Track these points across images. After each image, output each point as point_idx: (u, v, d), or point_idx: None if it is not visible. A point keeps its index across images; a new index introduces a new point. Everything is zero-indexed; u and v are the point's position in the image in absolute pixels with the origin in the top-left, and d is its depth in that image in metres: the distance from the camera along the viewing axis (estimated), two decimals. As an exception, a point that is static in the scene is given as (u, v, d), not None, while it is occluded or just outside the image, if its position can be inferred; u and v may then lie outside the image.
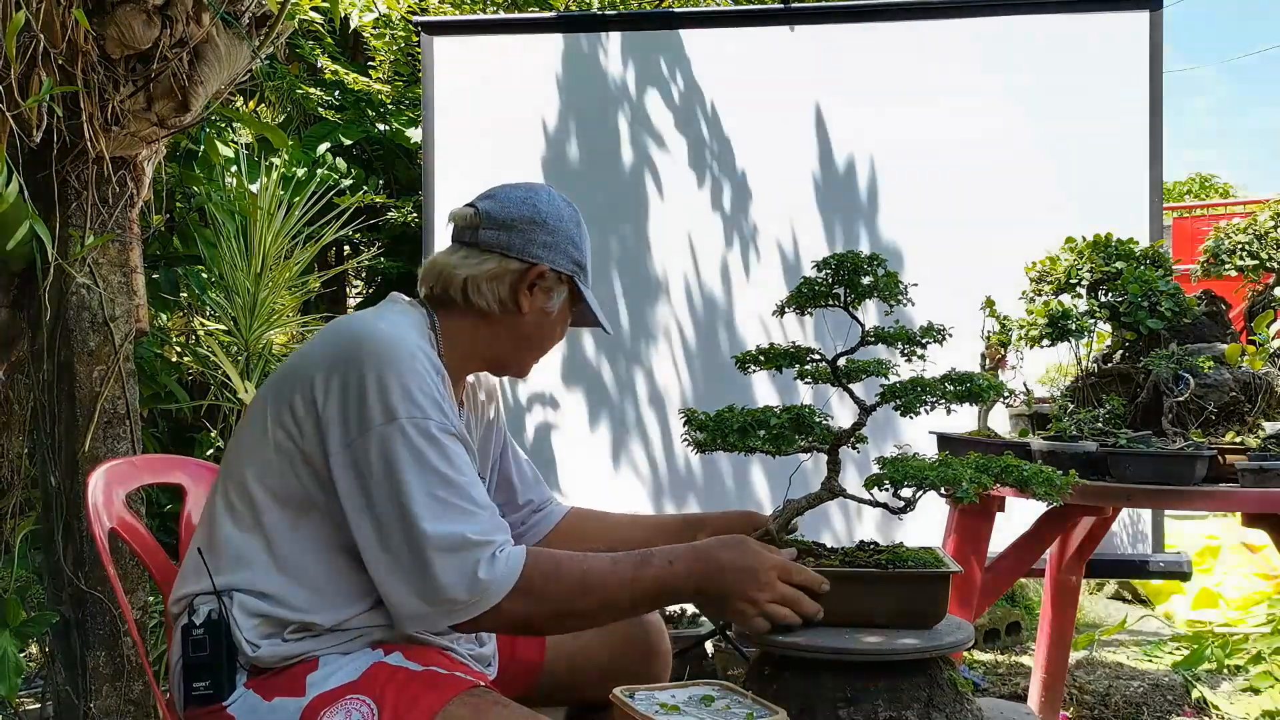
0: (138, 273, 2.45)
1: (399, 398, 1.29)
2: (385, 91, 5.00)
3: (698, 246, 3.18)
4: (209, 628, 1.34)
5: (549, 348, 1.55)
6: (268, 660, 1.34)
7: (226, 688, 1.34)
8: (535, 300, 1.47)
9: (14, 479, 2.55)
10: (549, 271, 1.48)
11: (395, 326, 1.37)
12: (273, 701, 1.31)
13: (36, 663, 2.90)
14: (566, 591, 1.31)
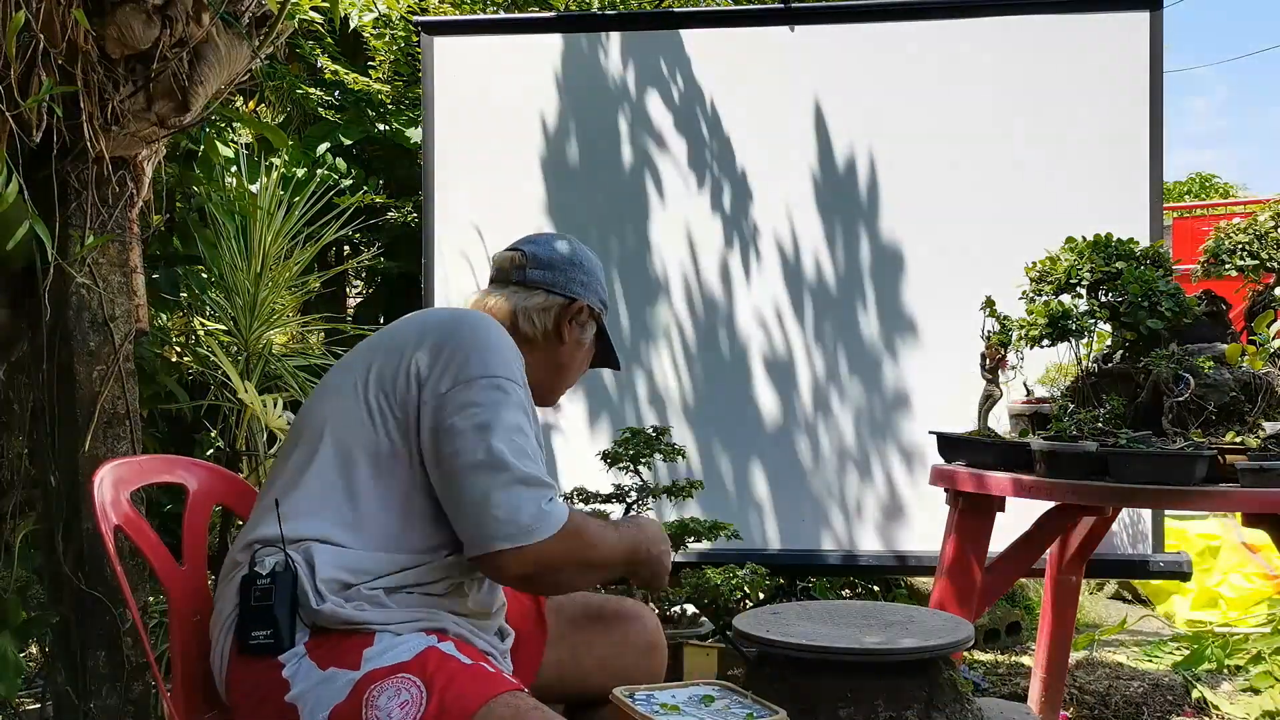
0: (138, 273, 2.45)
1: (498, 364, 1.46)
2: (385, 91, 5.00)
3: (697, 246, 3.18)
4: (276, 577, 1.39)
5: (575, 379, 1.73)
6: (329, 618, 1.38)
7: (286, 640, 1.37)
8: (574, 332, 1.65)
9: (14, 479, 2.55)
10: (586, 307, 1.66)
11: (498, 324, 1.58)
12: (327, 670, 1.35)
13: (36, 663, 2.90)
14: (590, 543, 1.45)
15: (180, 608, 1.61)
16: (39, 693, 2.86)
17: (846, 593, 4.08)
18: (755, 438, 3.14)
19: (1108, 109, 3.04)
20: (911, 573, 3.70)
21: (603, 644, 1.70)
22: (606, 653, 1.69)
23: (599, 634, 1.71)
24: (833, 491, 3.12)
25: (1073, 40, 3.06)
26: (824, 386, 3.14)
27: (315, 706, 1.33)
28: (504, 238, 3.18)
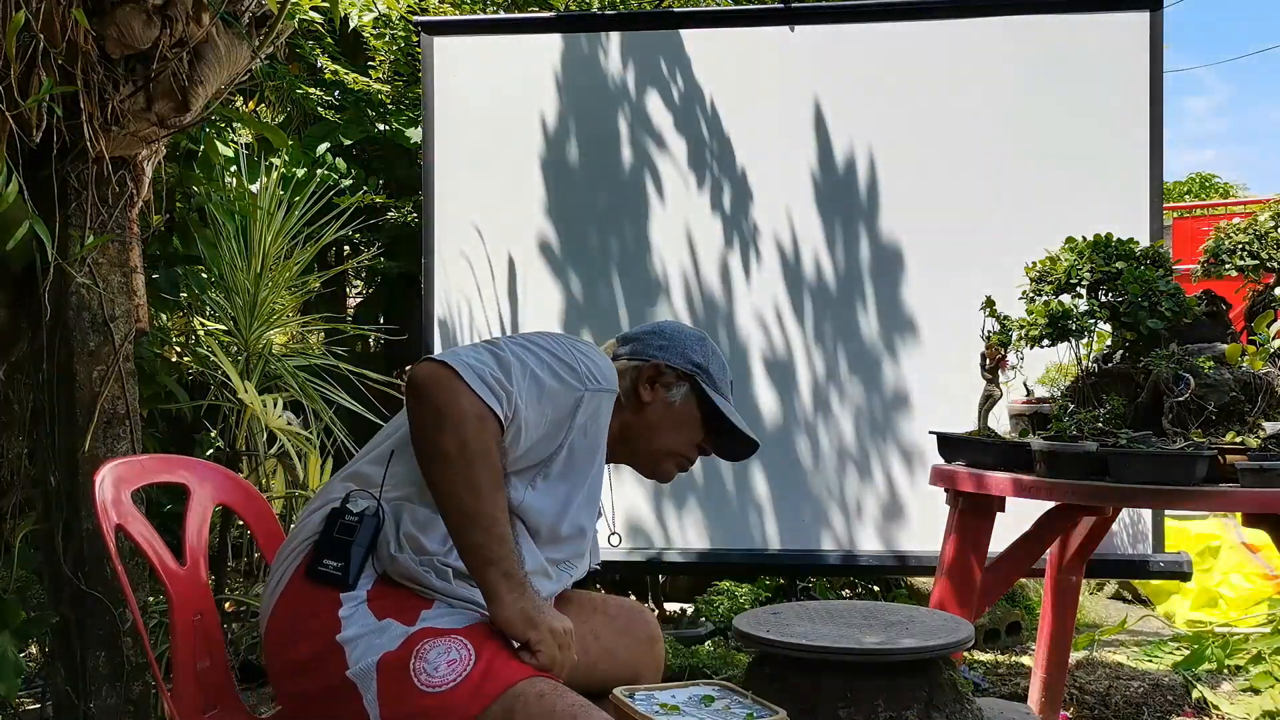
0: (138, 273, 2.45)
1: (581, 352, 1.55)
2: (385, 91, 5.00)
3: (697, 246, 3.18)
4: (363, 518, 1.46)
5: (679, 444, 1.73)
6: (401, 570, 1.45)
7: (354, 578, 1.44)
8: (657, 393, 1.69)
9: (14, 479, 2.55)
10: (665, 367, 1.70)
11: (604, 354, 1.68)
12: (383, 621, 1.41)
13: (36, 663, 2.90)
14: (491, 456, 1.40)
15: (180, 607, 1.61)
16: (39, 693, 2.86)
17: (846, 593, 4.08)
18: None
19: (1108, 109, 3.04)
20: (911, 573, 3.70)
21: (608, 635, 1.74)
22: (612, 643, 1.74)
23: (604, 625, 1.75)
24: (833, 491, 3.12)
25: (1073, 40, 3.06)
26: (824, 386, 3.14)
27: (365, 651, 1.39)
28: (504, 238, 3.22)
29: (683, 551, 3.15)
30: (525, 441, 1.47)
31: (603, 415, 1.58)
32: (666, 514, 3.17)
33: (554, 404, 1.48)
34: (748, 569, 3.62)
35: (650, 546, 3.16)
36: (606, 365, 1.59)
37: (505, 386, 1.41)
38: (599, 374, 1.55)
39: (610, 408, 1.59)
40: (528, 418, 1.44)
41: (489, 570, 1.39)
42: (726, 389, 1.77)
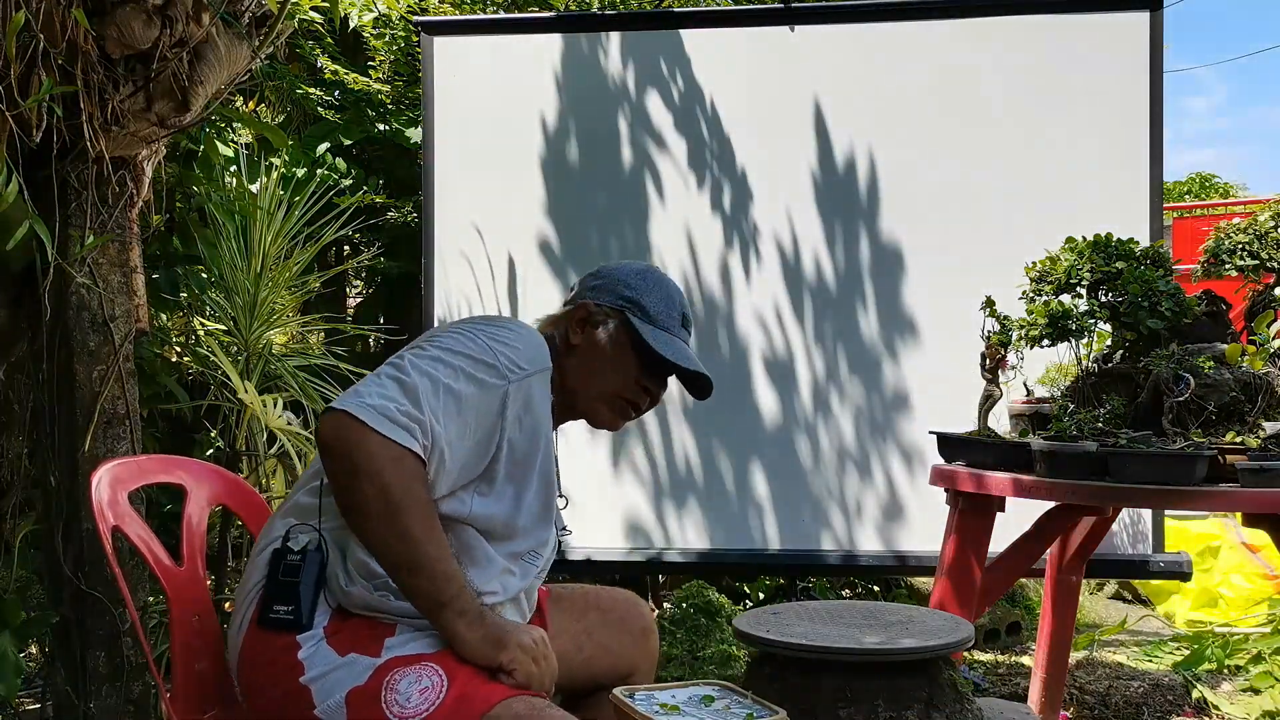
0: (138, 273, 2.45)
1: (500, 334, 1.48)
2: (385, 91, 4.99)
3: (697, 246, 3.18)
4: (306, 555, 1.41)
5: (615, 385, 1.63)
6: (356, 601, 1.40)
7: (306, 618, 1.39)
8: (586, 335, 1.62)
9: (14, 479, 2.55)
10: (593, 306, 1.63)
11: (524, 325, 1.59)
12: (347, 656, 1.36)
13: (36, 663, 2.90)
14: (418, 496, 1.33)
15: (179, 608, 1.61)
16: (39, 693, 2.86)
17: (846, 593, 4.08)
18: (755, 438, 3.14)
19: (1108, 109, 3.04)
20: (911, 573, 3.70)
21: (601, 631, 1.74)
22: (606, 638, 1.74)
23: (597, 622, 1.75)
24: (833, 491, 3.12)
25: (1073, 40, 3.06)
26: (824, 386, 3.14)
27: (331, 688, 1.35)
28: (504, 238, 3.22)
29: (683, 551, 3.15)
30: (454, 462, 1.40)
31: (536, 399, 1.49)
32: (666, 514, 3.17)
33: (477, 412, 1.41)
34: (748, 569, 3.62)
35: (650, 546, 3.15)
36: (529, 345, 1.51)
37: (416, 417, 1.33)
38: (521, 359, 1.47)
39: (545, 387, 1.52)
40: (450, 439, 1.37)
41: (442, 614, 1.34)
42: (670, 321, 1.65)
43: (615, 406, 1.64)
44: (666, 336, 1.62)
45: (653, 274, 1.68)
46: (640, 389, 1.63)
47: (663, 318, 1.63)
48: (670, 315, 1.64)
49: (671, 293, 1.67)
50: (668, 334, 1.63)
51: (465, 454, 1.41)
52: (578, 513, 3.18)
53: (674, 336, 1.64)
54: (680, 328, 1.66)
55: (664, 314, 1.63)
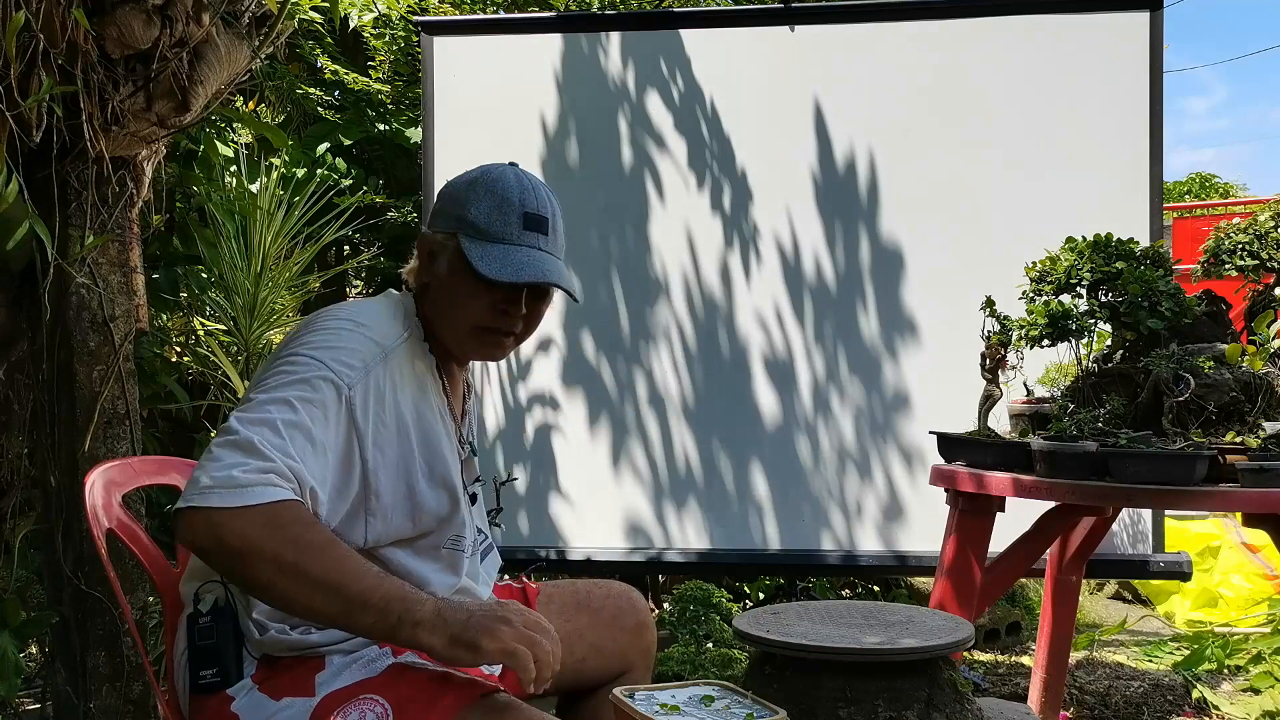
0: (138, 273, 2.45)
1: (320, 338, 1.35)
2: (385, 91, 5.00)
3: (697, 246, 3.18)
4: (215, 614, 1.35)
5: (474, 315, 1.45)
6: (275, 647, 1.34)
7: (234, 675, 1.34)
8: (431, 269, 1.48)
9: (14, 479, 2.55)
10: (429, 234, 1.49)
11: (371, 310, 1.45)
12: (281, 701, 1.30)
13: (36, 663, 2.90)
14: (310, 543, 1.20)
15: (174, 609, 1.60)
16: (39, 693, 2.86)
17: (846, 593, 4.08)
18: (755, 438, 3.15)
19: (1108, 109, 3.04)
20: (911, 573, 3.70)
21: (593, 631, 1.70)
22: (598, 638, 1.70)
23: (588, 621, 1.71)
24: (833, 491, 3.12)
25: (1073, 40, 3.06)
26: (824, 386, 3.14)
27: None
28: (504, 238, 3.21)
29: (682, 551, 3.15)
30: (328, 494, 1.30)
31: (386, 385, 1.36)
32: (666, 514, 3.17)
33: (329, 435, 1.29)
34: (748, 569, 3.62)
35: (650, 546, 3.16)
36: (356, 335, 1.37)
37: (266, 468, 1.21)
38: (351, 358, 1.34)
39: (391, 368, 1.38)
40: (314, 473, 1.26)
41: (399, 635, 1.21)
42: (506, 228, 1.43)
43: (480, 338, 1.48)
44: (501, 249, 1.42)
45: (484, 179, 1.47)
46: (497, 313, 1.45)
47: (496, 228, 1.43)
48: (505, 222, 1.43)
49: (506, 194, 1.45)
50: (504, 245, 1.42)
51: (336, 481, 1.31)
52: (578, 513, 3.19)
53: (514, 245, 1.43)
54: (523, 230, 1.44)
55: (497, 223, 1.43)
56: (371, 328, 1.39)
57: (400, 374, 1.40)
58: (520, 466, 3.21)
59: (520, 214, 1.44)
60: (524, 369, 3.23)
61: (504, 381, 3.24)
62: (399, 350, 1.41)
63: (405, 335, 1.44)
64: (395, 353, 1.40)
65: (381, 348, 1.38)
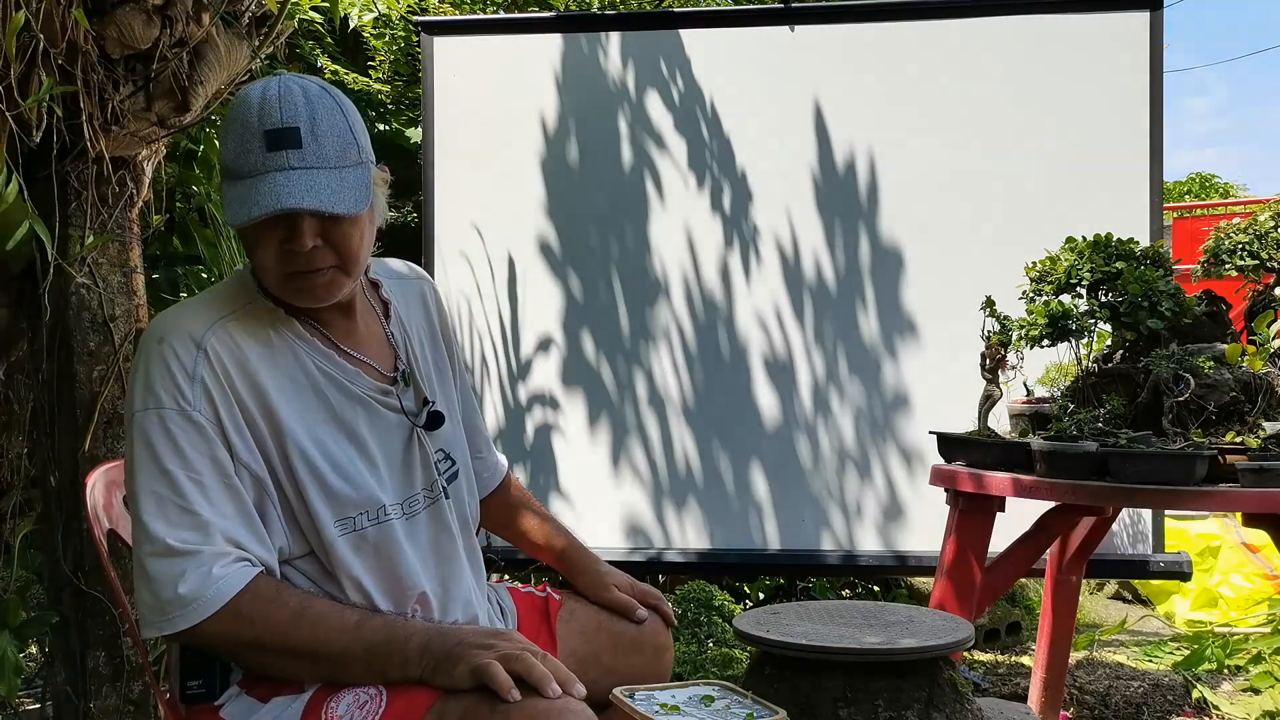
0: (138, 273, 2.44)
1: (141, 387, 1.28)
2: (385, 91, 5.00)
3: (697, 247, 3.18)
4: None
5: (264, 258, 1.29)
6: None
7: (218, 687, 1.34)
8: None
9: (14, 479, 2.55)
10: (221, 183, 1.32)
11: (173, 314, 1.34)
12: (270, 703, 1.30)
13: (36, 663, 2.90)
14: (279, 621, 1.23)
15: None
16: (39, 693, 2.86)
17: (846, 593, 4.08)
18: (755, 438, 3.15)
19: (1108, 109, 3.04)
20: (911, 573, 3.70)
21: (610, 654, 1.63)
22: (614, 661, 1.62)
23: (607, 643, 1.63)
24: (833, 491, 3.12)
25: (1072, 40, 3.06)
26: (824, 386, 3.14)
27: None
28: (504, 238, 3.22)
29: (682, 551, 3.15)
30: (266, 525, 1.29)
31: (224, 370, 1.28)
32: (666, 514, 3.17)
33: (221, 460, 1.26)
34: (748, 569, 3.62)
35: (650, 546, 3.16)
36: (162, 358, 1.27)
37: (198, 559, 1.20)
38: (169, 380, 1.26)
39: (218, 354, 1.29)
40: (238, 513, 1.26)
41: (389, 677, 1.23)
42: (249, 160, 1.25)
43: (292, 285, 1.31)
44: (245, 185, 1.24)
45: (234, 108, 1.28)
46: (285, 254, 1.28)
47: (241, 161, 1.25)
48: (247, 150, 1.25)
49: (246, 117, 1.25)
50: (249, 179, 1.24)
51: (249, 506, 1.28)
52: (578, 513, 3.19)
53: (258, 176, 1.24)
54: (267, 153, 1.24)
55: (241, 156, 1.25)
56: (175, 333, 1.29)
57: (241, 350, 1.30)
58: (520, 466, 3.21)
59: (260, 135, 1.24)
60: (524, 369, 3.23)
61: (504, 381, 3.24)
62: (222, 332, 1.30)
63: (225, 313, 1.33)
64: (216, 337, 1.29)
65: (195, 342, 1.28)
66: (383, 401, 1.41)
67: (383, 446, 1.40)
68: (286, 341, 1.35)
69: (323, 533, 1.32)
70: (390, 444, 1.41)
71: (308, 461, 1.32)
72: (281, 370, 1.33)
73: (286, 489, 1.32)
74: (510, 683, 1.15)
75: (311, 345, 1.36)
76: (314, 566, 1.34)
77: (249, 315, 1.34)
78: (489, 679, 1.16)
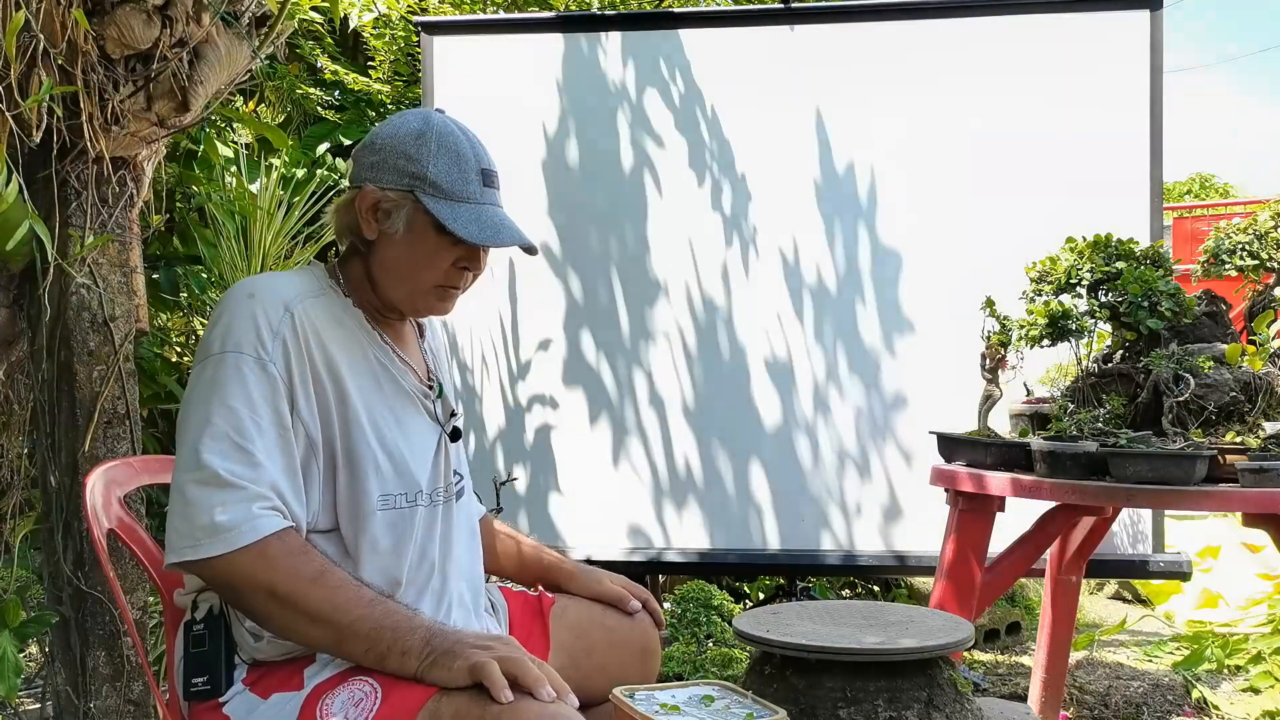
0: (138, 273, 2.44)
1: (221, 333, 1.34)
2: (385, 91, 5.00)
3: (697, 247, 3.18)
4: (209, 623, 1.37)
5: (434, 276, 1.44)
6: (270, 654, 1.36)
7: (223, 684, 1.35)
8: (377, 224, 1.43)
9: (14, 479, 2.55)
10: (375, 190, 1.41)
11: (264, 278, 1.44)
12: (270, 698, 1.32)
13: (36, 663, 2.90)
14: (302, 574, 1.26)
15: (175, 609, 1.60)
16: (39, 693, 2.86)
17: (846, 593, 4.08)
18: (755, 438, 3.15)
19: (1108, 109, 3.04)
20: (911, 573, 3.70)
21: (602, 651, 1.66)
22: (605, 659, 1.66)
23: (600, 640, 1.67)
24: (832, 491, 3.12)
25: (1072, 40, 3.06)
26: (824, 387, 3.14)
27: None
28: (504, 238, 3.21)
29: (682, 551, 3.15)
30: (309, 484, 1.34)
31: (304, 337, 1.36)
32: (666, 514, 3.17)
33: (282, 409, 1.32)
34: (748, 569, 3.62)
35: (650, 546, 3.16)
36: (252, 309, 1.35)
37: (243, 503, 1.25)
38: (255, 329, 1.33)
39: (303, 321, 1.36)
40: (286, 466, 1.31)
41: (387, 662, 1.26)
42: (467, 187, 1.42)
43: (440, 295, 1.47)
44: (468, 209, 1.41)
45: (431, 132, 1.42)
46: (458, 271, 1.45)
47: (458, 187, 1.41)
48: (465, 180, 1.41)
49: (461, 150, 1.43)
50: (470, 205, 1.41)
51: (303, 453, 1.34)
52: (578, 513, 3.19)
53: (478, 204, 1.42)
54: (483, 187, 1.43)
55: (457, 181, 1.41)
56: (266, 292, 1.37)
57: (319, 324, 1.39)
58: (520, 466, 3.21)
59: (479, 171, 1.43)
60: (524, 369, 3.23)
61: (504, 381, 3.24)
62: (307, 304, 1.39)
63: (313, 292, 1.42)
64: (302, 306, 1.38)
65: (284, 304, 1.36)
66: (423, 403, 1.51)
67: (424, 439, 1.48)
68: (356, 330, 1.45)
69: (362, 503, 1.37)
70: (429, 438, 1.50)
71: (367, 435, 1.38)
72: (353, 351, 1.42)
73: (339, 457, 1.37)
74: (504, 683, 1.18)
75: (373, 339, 1.46)
76: (334, 545, 1.38)
77: (328, 300, 1.44)
78: (484, 677, 1.19)
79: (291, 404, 1.34)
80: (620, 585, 1.72)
